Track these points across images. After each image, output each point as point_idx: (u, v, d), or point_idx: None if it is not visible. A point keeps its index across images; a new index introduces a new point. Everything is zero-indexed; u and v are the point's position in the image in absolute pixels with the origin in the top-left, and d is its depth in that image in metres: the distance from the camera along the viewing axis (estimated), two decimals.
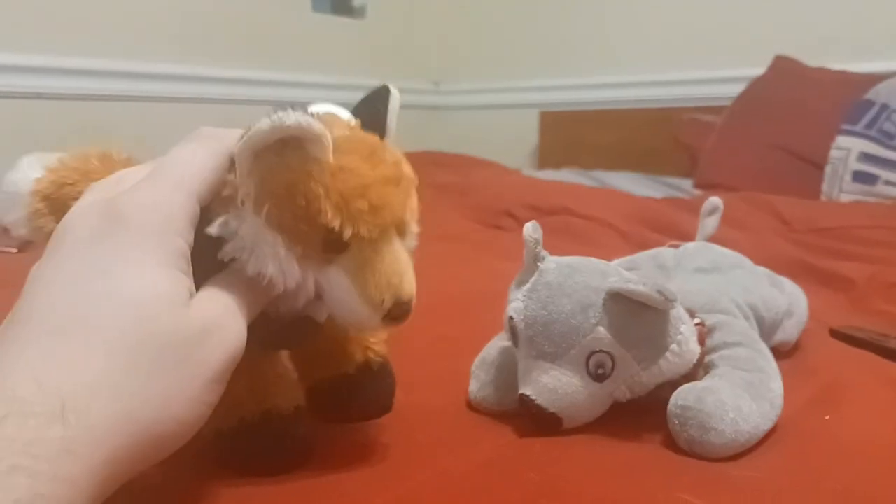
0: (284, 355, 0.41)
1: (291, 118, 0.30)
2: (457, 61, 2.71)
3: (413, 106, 2.66)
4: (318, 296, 0.35)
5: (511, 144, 2.51)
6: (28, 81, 1.66)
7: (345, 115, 0.37)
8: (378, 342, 0.42)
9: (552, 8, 2.40)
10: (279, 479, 0.36)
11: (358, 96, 0.39)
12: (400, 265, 0.35)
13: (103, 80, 1.78)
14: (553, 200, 1.25)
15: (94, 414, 0.25)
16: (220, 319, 0.31)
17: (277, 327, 0.36)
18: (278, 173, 0.32)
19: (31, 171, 0.38)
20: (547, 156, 2.42)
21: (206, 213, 0.33)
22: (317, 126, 0.31)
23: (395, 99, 0.38)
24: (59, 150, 0.41)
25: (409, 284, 0.35)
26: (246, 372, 0.36)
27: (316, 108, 0.36)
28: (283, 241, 0.32)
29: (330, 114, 0.36)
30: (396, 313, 0.34)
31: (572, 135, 2.34)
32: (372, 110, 0.38)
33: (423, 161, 1.96)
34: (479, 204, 1.31)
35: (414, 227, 0.37)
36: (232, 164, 0.33)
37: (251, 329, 0.34)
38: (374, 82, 0.40)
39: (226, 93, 2.01)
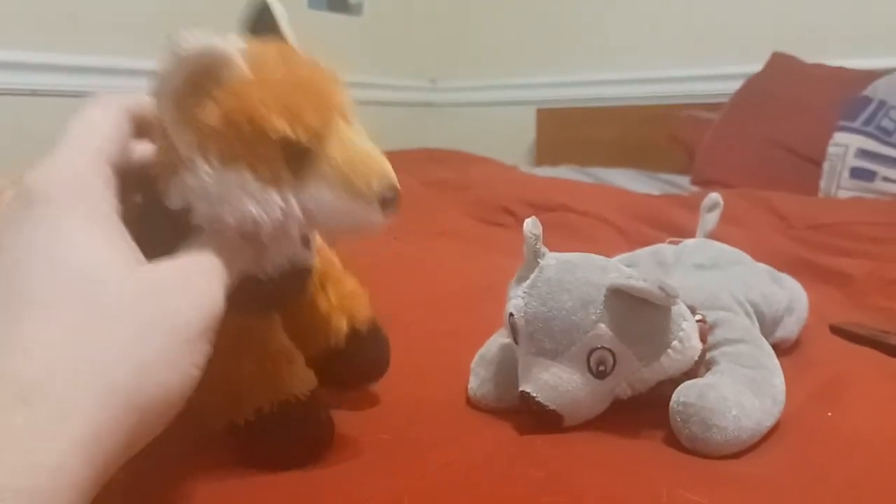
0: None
1: (190, 42, 0.29)
2: (454, 58, 2.70)
3: (410, 103, 2.66)
4: (303, 238, 0.34)
5: (508, 141, 2.51)
6: (23, 79, 1.65)
7: (238, 42, 0.34)
8: (362, 304, 0.41)
9: (549, 5, 2.40)
10: (277, 474, 0.35)
11: (354, 94, 0.37)
12: (367, 147, 0.33)
13: (98, 77, 1.77)
14: (551, 197, 1.25)
15: (60, 389, 0.24)
16: (183, 277, 0.29)
17: (270, 287, 0.35)
18: (208, 109, 0.30)
19: None
20: (544, 153, 2.42)
21: (154, 188, 0.32)
22: (219, 45, 0.30)
23: (277, 7, 0.36)
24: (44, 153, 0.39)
25: (385, 163, 0.33)
26: (254, 356, 0.35)
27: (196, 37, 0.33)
28: (248, 173, 0.31)
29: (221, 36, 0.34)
30: (389, 196, 0.32)
31: (569, 132, 2.34)
32: (260, 27, 0.36)
33: (421, 158, 1.96)
34: (476, 200, 1.31)
35: (353, 113, 0.35)
36: (156, 126, 0.32)
37: (245, 297, 0.33)
38: (371, 79, 0.39)
39: None
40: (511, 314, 0.42)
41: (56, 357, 0.24)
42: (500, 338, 0.48)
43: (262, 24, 0.36)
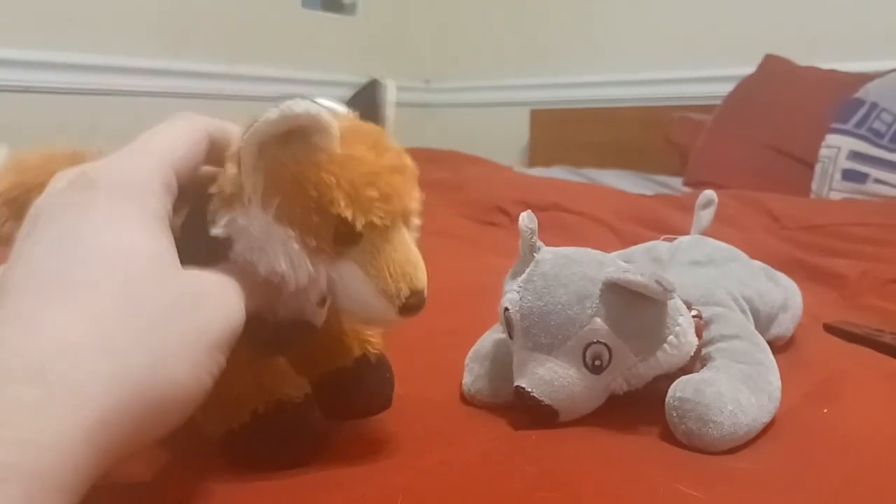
0: None
1: (300, 107, 0.29)
2: (448, 59, 2.71)
3: (404, 104, 2.63)
4: (320, 300, 0.34)
5: (502, 142, 2.51)
6: (17, 76, 1.65)
7: (341, 108, 0.37)
8: (374, 335, 0.41)
9: (544, 6, 2.40)
10: (272, 473, 0.35)
11: (348, 93, 0.38)
12: (412, 254, 0.34)
13: (92, 74, 1.77)
14: (544, 197, 1.25)
15: (78, 373, 0.24)
16: (217, 288, 0.30)
17: (274, 331, 0.35)
18: (286, 166, 0.31)
19: None
20: (537, 153, 2.42)
21: (203, 213, 0.33)
22: (325, 115, 0.30)
23: (391, 90, 0.38)
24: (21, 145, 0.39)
25: (422, 273, 0.34)
26: (250, 368, 0.35)
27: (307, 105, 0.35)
28: (294, 235, 0.31)
29: (328, 106, 0.36)
30: (412, 304, 0.33)
31: (563, 133, 2.35)
32: (367, 102, 0.38)
33: (415, 158, 1.93)
34: (471, 200, 1.30)
35: (416, 220, 0.36)
36: (231, 157, 0.32)
37: (248, 333, 0.33)
38: (365, 79, 0.39)
39: (214, 88, 2.00)
40: (506, 308, 0.42)
41: (83, 342, 0.24)
42: (495, 334, 0.48)
43: (370, 101, 0.38)
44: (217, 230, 0.32)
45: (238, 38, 2.09)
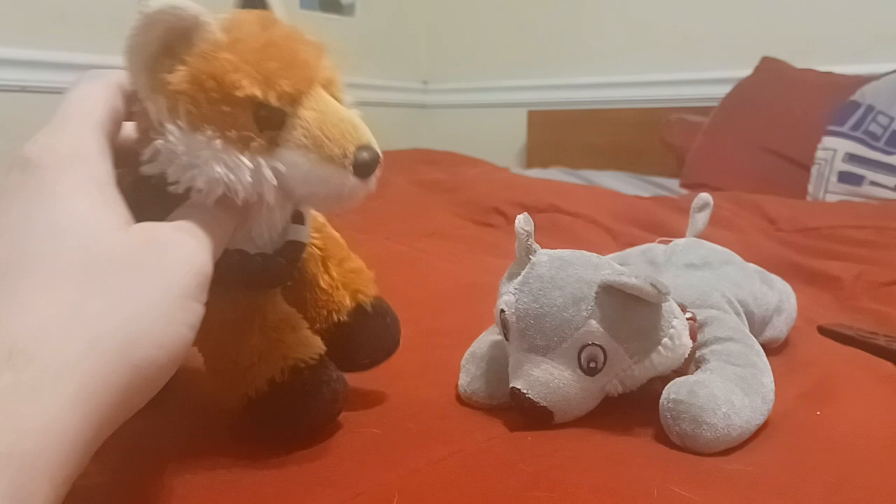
0: None
1: (157, 3, 0.29)
2: (446, 60, 2.71)
3: (402, 104, 2.65)
4: (297, 215, 0.33)
5: (499, 143, 2.51)
6: (13, 75, 1.64)
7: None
8: (367, 282, 0.40)
9: (541, 8, 2.40)
10: (266, 467, 0.35)
11: (346, 93, 0.37)
12: (344, 113, 0.32)
13: None
14: (541, 198, 1.25)
15: (51, 351, 0.23)
16: (172, 235, 0.30)
17: (263, 261, 0.34)
18: (178, 72, 0.30)
19: None
20: (535, 155, 2.42)
21: (136, 159, 0.32)
22: (185, 3, 0.29)
23: None
24: None
25: (363, 129, 0.33)
26: (257, 328, 0.35)
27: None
28: (212, 133, 0.30)
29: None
30: (364, 159, 0.32)
31: (560, 134, 2.35)
32: (250, 4, 0.36)
33: (412, 159, 1.95)
34: (468, 201, 1.31)
35: (340, 89, 0.35)
36: (134, 96, 0.32)
37: (240, 272, 0.33)
38: (363, 80, 0.39)
39: None
40: (502, 310, 0.42)
41: (49, 317, 0.24)
42: (491, 335, 0.48)
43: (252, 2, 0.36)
44: (148, 168, 0.31)
45: None
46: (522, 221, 0.43)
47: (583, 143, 2.26)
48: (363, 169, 0.32)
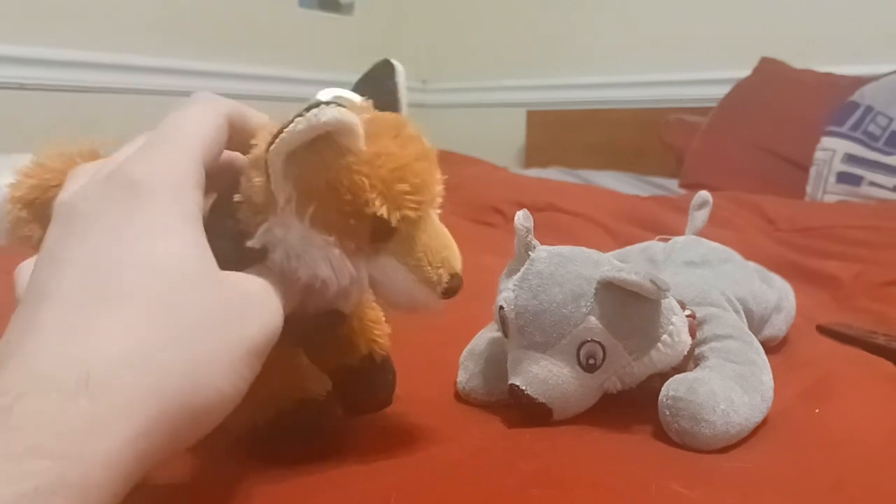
0: None
1: (327, 115, 0.29)
2: (445, 60, 2.70)
3: None
4: (353, 288, 0.34)
5: (498, 143, 2.51)
6: (11, 72, 1.64)
7: (355, 97, 0.36)
8: (382, 335, 0.41)
9: (540, 8, 2.40)
10: (267, 470, 0.35)
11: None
12: (445, 238, 0.35)
13: (88, 71, 1.76)
14: (540, 197, 1.25)
15: (123, 385, 0.23)
16: (259, 294, 0.30)
17: (304, 321, 0.35)
18: (316, 171, 0.31)
19: (1, 178, 0.36)
20: (534, 154, 2.42)
21: (228, 205, 0.33)
22: (350, 117, 0.30)
23: (401, 73, 0.38)
24: (32, 146, 0.39)
25: (457, 255, 0.35)
26: (279, 366, 0.35)
27: (323, 94, 0.35)
28: (333, 240, 0.32)
29: (343, 98, 0.35)
30: (453, 287, 0.34)
31: (559, 134, 2.35)
32: (378, 87, 0.38)
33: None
34: (466, 200, 1.31)
35: (441, 198, 0.36)
36: (256, 165, 0.32)
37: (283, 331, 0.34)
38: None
39: (211, 87, 1.97)
40: (501, 307, 0.42)
41: (129, 351, 0.24)
42: (489, 332, 0.48)
43: (381, 85, 0.38)
44: (254, 242, 0.32)
45: (235, 37, 2.09)
46: (522, 218, 0.43)
47: (582, 143, 2.26)
48: (450, 295, 0.34)
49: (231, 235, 0.32)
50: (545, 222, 1.10)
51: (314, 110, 0.29)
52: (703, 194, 0.62)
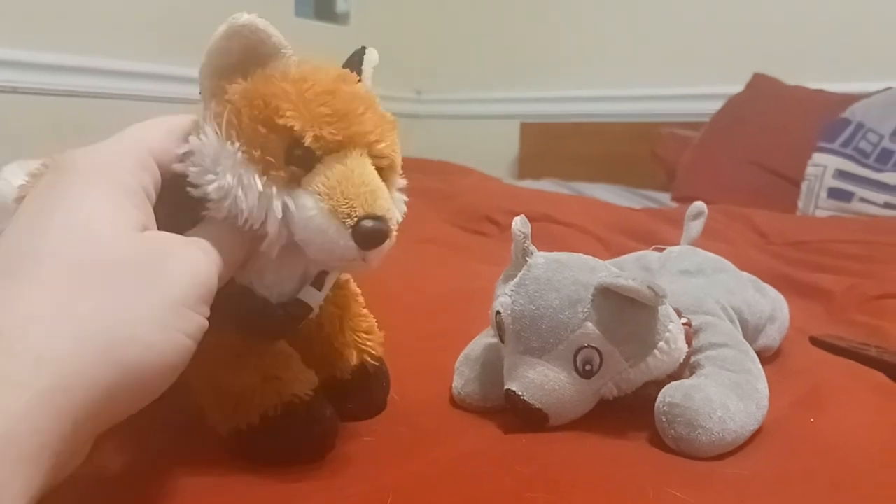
0: None
1: (244, 17, 0.30)
2: (439, 70, 2.71)
3: (395, 114, 2.65)
4: (311, 281, 0.34)
5: (492, 154, 2.52)
6: (3, 76, 1.63)
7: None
8: (374, 345, 0.41)
9: (535, 21, 2.42)
10: (261, 473, 0.34)
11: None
12: (371, 181, 0.32)
13: (81, 76, 1.75)
14: (534, 207, 1.25)
15: (33, 339, 0.24)
16: (181, 246, 0.30)
17: (264, 306, 0.35)
18: (240, 88, 0.31)
19: (14, 179, 0.37)
20: (527, 166, 2.43)
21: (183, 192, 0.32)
22: (275, 31, 0.30)
23: (372, 53, 0.38)
24: (41, 150, 0.39)
25: (383, 202, 0.32)
26: (254, 360, 0.35)
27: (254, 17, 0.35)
28: (240, 146, 0.31)
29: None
30: (369, 229, 0.31)
31: (553, 146, 2.36)
32: (347, 65, 0.37)
33: (406, 167, 1.94)
34: (461, 209, 1.31)
35: (399, 173, 0.36)
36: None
37: (246, 320, 0.33)
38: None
39: None
40: (498, 312, 0.42)
41: (39, 310, 0.25)
42: (485, 338, 0.48)
43: (350, 64, 0.37)
44: (177, 165, 0.32)
45: None
46: (519, 223, 0.43)
47: (575, 155, 2.27)
48: (362, 236, 0.31)
49: (185, 202, 0.32)
50: (539, 232, 1.10)
51: (235, 15, 0.30)
52: (699, 205, 0.62)
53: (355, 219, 0.31)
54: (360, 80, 0.36)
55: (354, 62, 0.38)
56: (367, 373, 0.41)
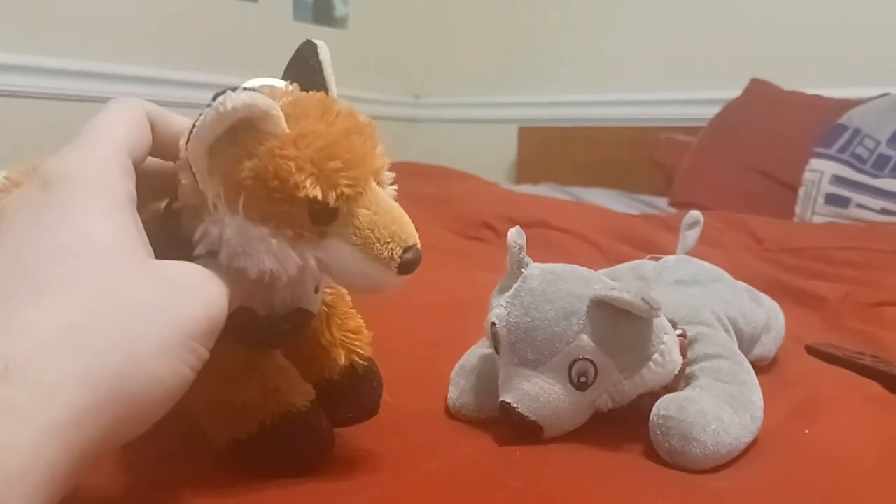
0: None
1: (234, 100, 0.29)
2: (437, 74, 2.72)
3: (392, 118, 2.66)
4: (307, 279, 0.34)
5: (489, 158, 2.52)
6: (1, 80, 1.63)
7: (277, 83, 0.36)
8: (362, 345, 0.41)
9: (533, 26, 2.42)
10: (255, 485, 0.34)
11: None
12: (394, 212, 0.33)
13: (80, 80, 1.76)
14: (531, 213, 1.25)
15: (45, 370, 0.23)
16: (192, 280, 0.30)
17: (269, 324, 0.35)
18: (239, 162, 0.30)
19: None
20: (525, 171, 2.43)
21: (175, 221, 0.32)
22: (262, 100, 0.29)
23: (324, 50, 0.37)
24: (21, 155, 0.39)
25: (409, 227, 0.33)
26: (253, 373, 0.35)
27: (249, 84, 0.35)
28: (270, 230, 0.31)
29: (266, 86, 0.35)
30: (409, 260, 0.33)
31: (551, 151, 2.36)
32: (304, 70, 0.37)
33: (403, 172, 1.93)
34: (457, 215, 1.31)
35: (387, 174, 0.35)
36: (182, 166, 0.32)
37: (247, 330, 0.33)
38: (355, 93, 0.39)
39: (204, 98, 1.94)
40: (493, 323, 0.42)
41: (52, 339, 0.24)
42: (481, 348, 0.48)
43: (307, 65, 0.37)
44: (198, 251, 0.32)
45: (228, 49, 2.09)
46: (515, 235, 0.43)
47: (573, 160, 2.27)
48: (405, 268, 0.33)
49: (181, 240, 0.32)
50: (536, 239, 1.10)
51: (220, 98, 0.29)
52: (695, 214, 0.62)
53: (398, 259, 0.32)
54: (327, 91, 0.36)
55: (311, 66, 0.37)
56: (356, 374, 0.41)
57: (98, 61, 1.79)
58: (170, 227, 0.33)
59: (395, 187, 0.36)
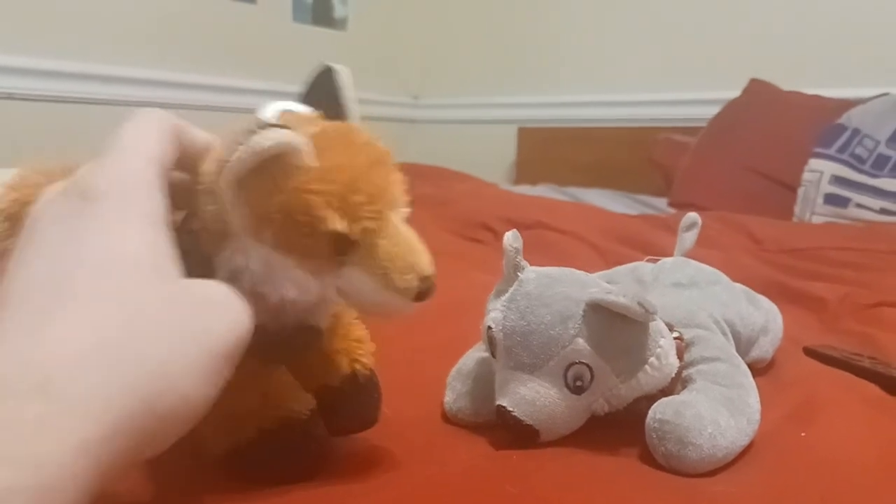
0: None
1: (269, 139, 0.29)
2: (437, 75, 2.72)
3: (392, 119, 2.66)
4: (322, 302, 0.34)
5: (489, 159, 2.52)
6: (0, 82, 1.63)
7: (301, 109, 0.36)
8: (365, 354, 0.41)
9: (532, 26, 2.42)
10: (252, 492, 0.34)
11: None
12: (411, 242, 0.34)
13: (78, 82, 1.76)
14: (530, 215, 1.25)
15: (81, 387, 0.23)
16: (221, 298, 0.30)
17: (280, 339, 0.35)
18: (268, 195, 0.31)
19: None
20: (524, 171, 2.43)
21: (194, 238, 0.33)
22: (295, 139, 0.30)
23: (345, 75, 0.38)
24: (19, 157, 0.39)
25: (426, 257, 0.34)
26: (255, 381, 0.35)
27: (270, 109, 0.35)
28: (294, 261, 0.32)
29: (289, 112, 0.35)
30: (425, 289, 0.34)
31: (550, 151, 2.36)
32: (325, 95, 0.37)
33: (402, 172, 1.95)
34: (456, 216, 1.31)
35: (403, 201, 0.36)
36: (205, 193, 0.32)
37: (254, 343, 0.33)
38: (354, 93, 0.39)
39: (204, 99, 1.99)
40: (489, 327, 0.42)
41: (88, 352, 0.24)
42: (477, 352, 0.48)
43: (327, 89, 0.38)
44: (220, 275, 0.32)
45: (228, 50, 2.09)
46: (511, 238, 0.43)
47: (572, 160, 2.27)
48: (423, 298, 0.34)
49: (199, 257, 0.32)
50: (534, 240, 1.10)
51: (256, 137, 0.29)
52: (692, 216, 0.62)
53: (415, 290, 0.33)
54: (350, 120, 0.36)
55: (330, 92, 0.38)
56: (357, 383, 0.41)
57: (97, 63, 1.79)
58: (188, 243, 0.32)
59: (409, 210, 0.36)
